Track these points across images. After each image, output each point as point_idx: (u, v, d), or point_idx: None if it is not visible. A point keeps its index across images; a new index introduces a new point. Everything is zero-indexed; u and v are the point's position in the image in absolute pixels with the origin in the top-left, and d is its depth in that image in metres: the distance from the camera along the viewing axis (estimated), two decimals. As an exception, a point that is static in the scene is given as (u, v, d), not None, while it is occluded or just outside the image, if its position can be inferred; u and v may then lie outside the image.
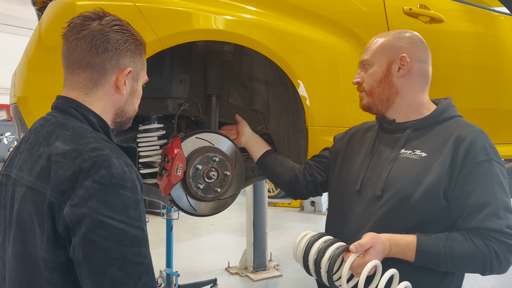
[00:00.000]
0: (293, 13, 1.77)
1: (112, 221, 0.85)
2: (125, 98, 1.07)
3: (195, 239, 5.94)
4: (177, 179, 1.57)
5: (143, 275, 0.88)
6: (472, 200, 1.20)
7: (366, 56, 1.42)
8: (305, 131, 1.79)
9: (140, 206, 0.92)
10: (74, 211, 0.85)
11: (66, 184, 0.87)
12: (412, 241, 1.19)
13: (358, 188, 1.36)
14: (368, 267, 1.12)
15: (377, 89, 1.39)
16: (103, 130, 1.03)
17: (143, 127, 1.85)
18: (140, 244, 0.89)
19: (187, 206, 1.69)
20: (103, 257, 0.84)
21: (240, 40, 1.56)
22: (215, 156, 1.67)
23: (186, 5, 1.51)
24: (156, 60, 1.79)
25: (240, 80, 1.97)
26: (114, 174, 0.88)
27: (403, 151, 1.33)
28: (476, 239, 1.17)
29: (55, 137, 0.94)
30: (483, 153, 1.23)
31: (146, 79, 1.14)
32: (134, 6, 1.44)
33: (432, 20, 2.13)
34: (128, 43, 1.04)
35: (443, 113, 1.36)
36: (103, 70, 1.02)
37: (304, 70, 1.72)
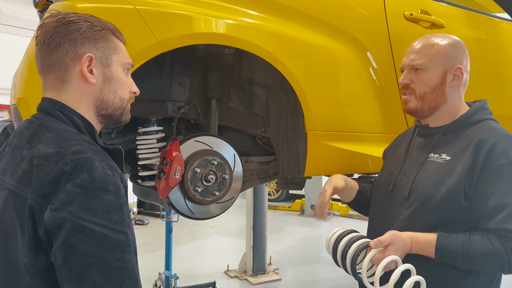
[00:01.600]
0: (293, 18, 1.77)
1: (93, 226, 0.84)
2: (99, 87, 1.02)
3: (195, 242, 5.93)
4: (175, 182, 1.57)
5: (125, 280, 0.86)
6: (491, 202, 1.24)
7: (421, 59, 1.39)
8: (304, 135, 1.79)
9: (124, 210, 0.90)
10: (54, 216, 0.84)
11: (47, 188, 0.85)
12: (433, 239, 1.26)
13: (391, 189, 1.44)
14: (385, 261, 1.21)
15: (430, 95, 1.39)
16: (88, 131, 1.00)
17: (142, 129, 1.85)
18: (122, 248, 0.87)
19: (185, 209, 1.69)
20: (83, 262, 0.83)
21: (239, 44, 1.56)
22: (213, 159, 1.67)
23: (186, 8, 1.52)
24: (156, 63, 1.80)
25: (240, 84, 1.97)
26: (96, 178, 0.86)
27: (432, 155, 1.39)
28: (493, 239, 1.22)
29: (38, 140, 0.93)
30: (504, 157, 1.26)
31: (126, 62, 1.06)
32: (134, 9, 1.44)
33: (433, 26, 2.13)
34: (82, 31, 0.99)
35: (472, 117, 1.40)
36: (64, 65, 0.99)
37: (304, 74, 1.72)
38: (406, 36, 2.03)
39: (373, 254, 1.24)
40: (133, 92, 1.10)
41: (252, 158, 2.03)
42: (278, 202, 8.34)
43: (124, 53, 1.07)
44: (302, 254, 5.43)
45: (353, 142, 1.95)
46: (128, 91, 1.07)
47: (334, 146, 1.87)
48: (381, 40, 1.99)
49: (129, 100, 1.08)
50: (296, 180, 1.91)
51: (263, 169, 2.03)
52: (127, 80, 1.07)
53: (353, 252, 1.28)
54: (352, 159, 1.93)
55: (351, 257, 1.28)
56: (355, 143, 1.95)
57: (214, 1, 1.59)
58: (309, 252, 5.52)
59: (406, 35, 2.03)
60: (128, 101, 1.08)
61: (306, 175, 1.83)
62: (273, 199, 8.37)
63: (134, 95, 1.11)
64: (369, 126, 1.99)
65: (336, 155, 1.89)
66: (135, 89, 1.10)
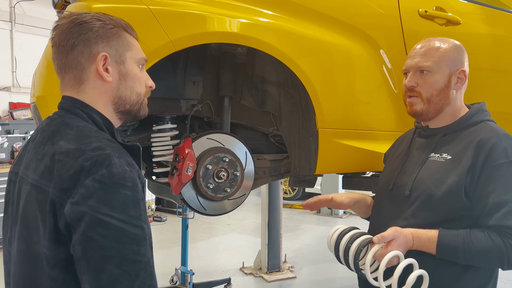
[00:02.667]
0: (306, 16, 1.78)
1: (111, 220, 0.87)
2: (116, 85, 1.04)
3: (211, 239, 5.99)
4: (187, 179, 1.60)
5: (141, 273, 0.89)
6: (492, 199, 1.26)
7: (428, 62, 1.40)
8: (315, 133, 1.80)
9: (140, 205, 0.92)
10: (74, 209, 0.87)
11: (68, 183, 0.89)
12: (434, 235, 1.29)
13: (391, 187, 1.47)
14: (388, 256, 1.23)
15: (436, 98, 1.41)
16: (107, 129, 1.03)
17: (157, 127, 1.89)
18: (139, 242, 0.89)
19: (198, 205, 1.72)
20: (101, 255, 0.86)
21: (250, 42, 1.58)
22: (225, 156, 1.70)
23: (198, 7, 1.54)
24: (170, 62, 1.84)
25: (253, 82, 1.99)
26: (114, 173, 0.89)
27: (432, 154, 1.42)
28: (494, 236, 1.24)
29: (60, 136, 0.96)
30: (504, 156, 1.29)
31: (139, 57, 1.08)
32: (148, 9, 1.47)
33: (448, 23, 2.11)
34: (95, 30, 1.01)
35: (471, 118, 1.43)
36: (80, 65, 1.01)
37: (315, 72, 1.73)
38: (420, 34, 2.00)
39: (376, 249, 1.27)
40: (149, 86, 1.11)
41: (264, 156, 2.05)
42: (294, 201, 8.33)
43: (138, 48, 1.08)
44: (318, 252, 5.42)
45: (366, 140, 1.95)
46: (144, 86, 1.09)
47: (346, 144, 1.87)
48: (395, 38, 1.98)
49: (145, 94, 1.10)
50: (308, 178, 1.91)
51: (275, 166, 2.05)
52: (142, 75, 1.09)
53: (356, 248, 1.30)
54: (365, 157, 1.93)
55: (354, 253, 1.30)
56: (368, 141, 1.95)
57: (226, 0, 1.61)
58: (325, 250, 5.50)
59: (420, 33, 2.01)
60: (144, 96, 1.10)
61: (317, 173, 1.84)
62: (289, 197, 8.36)
63: (151, 89, 1.12)
64: (383, 124, 1.99)
65: (349, 153, 1.89)
66: (151, 83, 1.12)
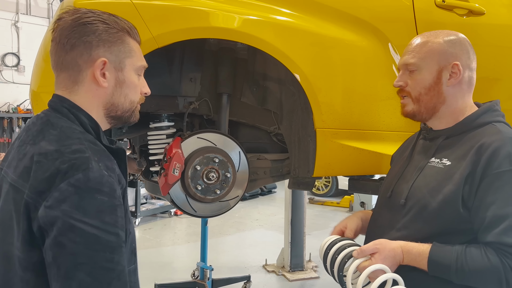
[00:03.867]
0: (304, 8, 1.67)
1: (83, 226, 0.85)
2: (111, 91, 1.02)
3: (238, 234, 5.98)
4: (174, 179, 1.55)
5: (113, 282, 0.86)
6: (491, 212, 1.13)
7: (413, 59, 1.31)
8: (313, 133, 1.70)
9: (117, 211, 0.90)
10: (47, 213, 0.85)
11: (43, 185, 0.87)
12: (426, 250, 1.18)
13: (389, 195, 1.37)
14: (369, 270, 1.15)
15: (425, 96, 1.30)
16: (94, 130, 1.01)
17: (153, 125, 1.85)
18: (112, 250, 0.87)
19: (187, 206, 1.67)
20: (71, 261, 0.84)
21: (238, 37, 1.50)
22: (215, 157, 1.64)
23: (183, 2, 1.48)
24: (166, 58, 1.79)
25: (254, 79, 1.90)
26: (90, 178, 0.87)
27: (433, 159, 1.31)
28: (491, 254, 1.11)
29: (42, 136, 0.95)
30: (507, 163, 1.15)
31: (139, 65, 1.06)
32: (131, 3, 1.43)
33: (470, 13, 1.92)
34: (97, 33, 0.99)
35: (477, 119, 1.29)
36: (77, 66, 0.99)
37: (312, 68, 1.62)
38: (436, 26, 1.81)
39: (358, 263, 1.20)
40: (144, 93, 1.09)
41: (265, 156, 1.97)
42: (326, 198, 8.15)
43: (139, 55, 1.06)
44: (346, 252, 5.27)
45: (372, 141, 1.82)
46: (139, 94, 1.07)
47: (349, 145, 1.76)
48: (407, 31, 1.82)
49: (139, 101, 1.08)
50: (306, 180, 1.81)
51: (277, 167, 1.96)
52: (139, 82, 1.07)
53: (341, 260, 1.24)
54: (370, 159, 1.80)
55: (338, 264, 1.25)
56: (374, 142, 1.82)
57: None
58: (353, 250, 5.35)
59: (436, 24, 1.82)
60: (138, 103, 1.08)
61: (315, 175, 1.74)
62: (321, 194, 8.20)
63: (145, 95, 1.10)
64: (391, 124, 1.85)
65: (352, 155, 1.77)
66: (146, 90, 1.09)
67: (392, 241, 1.22)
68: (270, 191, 8.26)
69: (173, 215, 6.65)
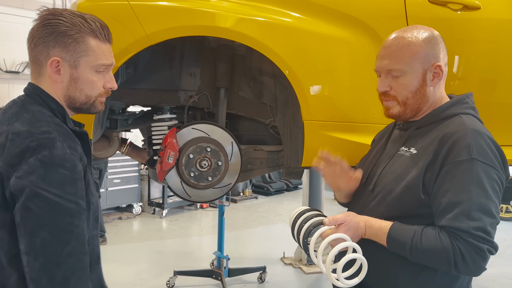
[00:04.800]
0: (292, 6, 1.76)
1: (48, 194, 1.00)
2: (66, 86, 1.15)
3: (260, 227, 6.10)
4: (168, 166, 1.69)
5: (71, 241, 1.02)
6: (446, 198, 1.20)
7: (398, 64, 1.31)
8: (301, 125, 1.78)
9: (77, 183, 1.06)
10: (17, 182, 1.01)
11: (15, 159, 1.02)
12: (386, 226, 1.26)
13: (364, 181, 1.45)
14: (331, 237, 1.23)
15: (412, 100, 1.34)
16: (61, 114, 1.15)
17: (156, 117, 2.00)
18: (72, 215, 1.03)
19: (182, 192, 1.80)
20: (36, 222, 1.00)
21: (226, 34, 1.61)
22: (208, 146, 1.76)
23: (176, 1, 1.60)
24: (167, 55, 1.93)
25: (251, 74, 2.01)
26: (55, 155, 1.03)
27: (402, 148, 1.39)
28: (444, 236, 1.18)
29: (16, 118, 1.09)
30: (466, 153, 1.20)
31: (97, 63, 1.15)
32: (128, 5, 1.57)
33: (465, 8, 1.93)
34: (55, 35, 1.10)
35: (446, 111, 1.34)
36: (39, 62, 1.14)
37: (298, 63, 1.70)
38: (429, 22, 1.85)
39: (323, 230, 1.27)
40: (109, 88, 1.21)
41: (262, 147, 2.07)
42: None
43: (98, 54, 1.15)
44: (365, 248, 5.28)
45: (362, 133, 1.88)
46: (97, 89, 1.18)
47: (337, 137, 1.83)
48: (397, 26, 1.86)
49: (100, 95, 1.20)
50: (297, 170, 1.90)
51: (272, 157, 2.06)
52: (100, 78, 1.18)
53: (307, 227, 1.32)
54: (359, 150, 1.86)
55: (304, 232, 1.33)
56: (364, 134, 1.88)
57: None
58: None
59: (429, 20, 1.86)
60: (97, 97, 1.20)
61: (304, 165, 1.82)
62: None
63: (110, 90, 1.22)
64: (381, 116, 1.89)
65: (340, 146, 1.84)
66: (111, 85, 1.21)
67: (359, 215, 1.31)
68: (296, 187, 8.31)
69: (199, 207, 6.85)
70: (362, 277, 1.24)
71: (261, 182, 8.06)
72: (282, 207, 7.15)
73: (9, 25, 5.48)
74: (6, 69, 5.53)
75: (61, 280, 1.00)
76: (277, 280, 4.26)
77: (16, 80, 5.67)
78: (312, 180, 4.57)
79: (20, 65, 5.63)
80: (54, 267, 1.00)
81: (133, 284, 4.02)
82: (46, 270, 1.00)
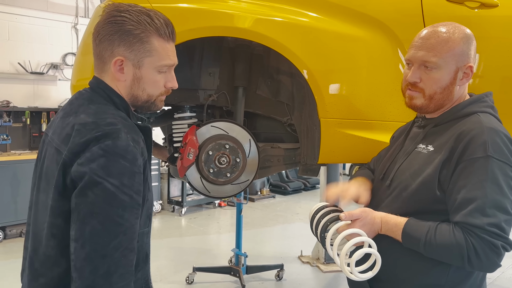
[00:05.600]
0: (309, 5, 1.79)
1: (105, 183, 1.01)
2: (129, 84, 1.16)
3: (278, 226, 6.14)
4: (188, 163, 1.75)
5: (120, 235, 1.02)
6: (461, 195, 1.21)
7: (435, 57, 1.30)
8: (318, 122, 1.82)
9: (135, 177, 1.06)
10: (78, 169, 1.03)
11: (79, 148, 1.05)
12: (402, 222, 1.28)
13: (382, 177, 1.47)
14: (347, 232, 1.27)
15: (439, 95, 1.34)
16: (124, 109, 1.17)
17: (177, 115, 2.06)
18: (125, 208, 1.03)
19: (201, 187, 1.85)
20: (89, 210, 1.01)
21: (240, 34, 1.65)
22: (226, 143, 1.81)
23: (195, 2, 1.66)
24: (187, 55, 1.99)
25: (268, 72, 2.05)
26: (118, 145, 1.04)
27: (420, 145, 1.40)
28: (458, 232, 1.20)
29: (82, 110, 1.12)
30: (482, 150, 1.22)
31: (160, 64, 1.16)
32: (150, 7, 1.63)
33: (482, 6, 1.94)
34: (121, 33, 1.11)
35: (464, 109, 1.35)
36: (103, 58, 1.15)
37: (315, 62, 1.74)
38: (446, 20, 1.84)
39: (339, 225, 1.30)
40: (170, 87, 1.22)
41: (279, 145, 2.11)
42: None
43: (161, 55, 1.16)
44: (383, 247, 5.25)
45: (378, 131, 1.90)
46: (159, 88, 1.19)
47: (353, 134, 1.86)
48: (413, 24, 1.88)
49: (161, 94, 1.21)
50: (313, 167, 1.94)
51: (289, 155, 2.10)
52: (162, 77, 1.19)
53: (324, 222, 1.35)
54: (375, 147, 1.88)
55: (321, 227, 1.36)
56: (380, 132, 1.90)
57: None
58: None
59: (446, 18, 1.84)
60: (158, 96, 1.21)
61: (320, 162, 1.85)
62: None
63: (171, 89, 1.23)
64: (398, 114, 1.92)
65: (356, 143, 1.87)
66: (172, 84, 1.22)
67: (375, 211, 1.33)
68: (313, 187, 8.31)
69: (217, 206, 6.93)
70: (375, 272, 1.27)
71: (279, 182, 8.09)
72: (299, 206, 7.17)
73: (34, 27, 5.65)
74: (31, 70, 5.70)
75: (104, 274, 1.00)
76: (295, 278, 4.29)
77: (41, 81, 5.84)
78: (329, 179, 4.58)
79: (44, 66, 5.80)
80: (99, 259, 1.00)
81: (154, 279, 4.05)
82: (90, 261, 1.00)
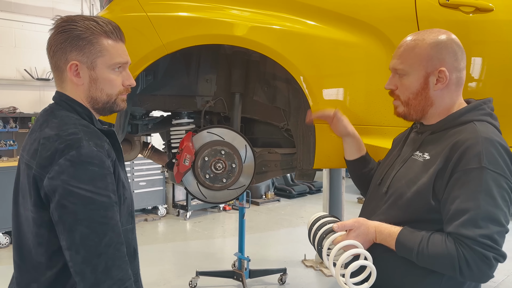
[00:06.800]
0: (303, 13, 1.81)
1: (79, 190, 1.07)
2: (87, 87, 1.21)
3: (282, 230, 6.14)
4: (184, 169, 1.77)
5: (108, 233, 1.09)
6: (455, 205, 1.21)
7: (401, 64, 1.37)
8: (312, 128, 1.83)
9: (107, 178, 1.12)
10: (50, 183, 1.08)
11: (46, 161, 1.10)
12: (395, 231, 1.29)
13: (379, 182, 1.48)
14: (342, 244, 1.28)
15: (413, 101, 1.38)
16: (88, 116, 1.22)
17: (175, 121, 2.09)
18: (106, 208, 1.10)
19: (198, 193, 1.88)
20: (73, 218, 1.07)
21: (236, 42, 1.68)
22: (222, 149, 1.83)
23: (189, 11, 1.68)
24: (184, 62, 2.02)
25: (265, 79, 2.07)
26: (82, 153, 1.09)
27: (416, 153, 1.41)
28: (450, 243, 1.20)
29: (46, 124, 1.18)
30: (476, 161, 1.21)
31: (113, 62, 1.21)
32: (146, 16, 1.66)
33: (477, 10, 1.94)
34: (70, 39, 1.17)
35: (461, 117, 1.35)
36: (59, 68, 1.21)
37: (309, 68, 1.76)
38: (441, 25, 1.87)
39: (335, 237, 1.32)
40: (128, 85, 1.26)
41: (276, 150, 2.13)
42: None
43: (112, 54, 1.21)
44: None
45: (373, 136, 1.91)
46: (117, 87, 1.24)
47: (348, 140, 1.86)
48: (408, 31, 1.89)
49: (120, 93, 1.26)
50: (309, 172, 1.95)
51: (286, 160, 2.12)
52: (118, 76, 1.24)
53: (320, 234, 1.37)
54: (371, 152, 1.90)
55: (318, 238, 1.38)
56: (376, 137, 1.91)
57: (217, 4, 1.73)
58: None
59: (440, 23, 1.88)
60: (118, 95, 1.25)
61: (315, 167, 1.87)
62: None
63: (129, 87, 1.27)
64: (394, 119, 1.91)
65: (352, 149, 1.87)
66: (129, 82, 1.27)
67: (369, 220, 1.35)
68: (318, 190, 8.30)
69: (222, 210, 6.95)
70: (370, 284, 1.28)
71: (284, 185, 8.09)
72: (304, 210, 7.17)
73: (40, 34, 5.74)
74: (37, 77, 5.79)
75: (103, 270, 1.07)
76: (298, 282, 4.29)
77: (47, 87, 5.93)
78: (332, 183, 4.58)
79: (50, 72, 5.87)
80: (96, 258, 1.07)
81: (157, 284, 4.13)
82: (88, 262, 1.06)
